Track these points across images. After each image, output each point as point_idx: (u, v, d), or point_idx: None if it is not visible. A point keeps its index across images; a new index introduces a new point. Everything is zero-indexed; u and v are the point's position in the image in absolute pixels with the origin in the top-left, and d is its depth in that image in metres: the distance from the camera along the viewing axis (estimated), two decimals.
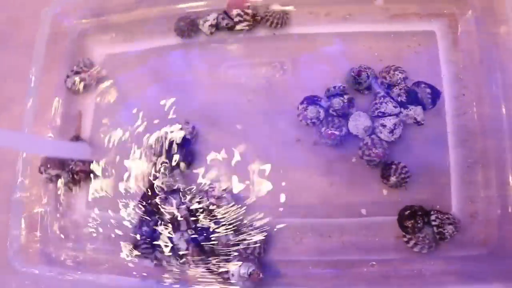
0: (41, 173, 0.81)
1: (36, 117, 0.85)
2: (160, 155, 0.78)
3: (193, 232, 0.73)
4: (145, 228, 0.75)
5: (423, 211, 0.69)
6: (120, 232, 0.78)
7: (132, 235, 0.76)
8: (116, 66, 0.87)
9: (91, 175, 0.81)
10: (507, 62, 0.74)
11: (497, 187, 0.71)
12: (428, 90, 0.73)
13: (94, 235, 0.79)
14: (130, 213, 0.78)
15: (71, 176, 0.81)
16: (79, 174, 0.80)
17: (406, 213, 0.69)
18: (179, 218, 0.74)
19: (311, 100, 0.76)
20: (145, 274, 0.75)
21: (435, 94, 0.73)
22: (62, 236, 0.81)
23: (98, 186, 0.81)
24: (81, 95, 0.86)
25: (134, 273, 0.75)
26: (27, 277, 0.78)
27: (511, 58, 0.74)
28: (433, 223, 0.68)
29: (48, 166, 0.81)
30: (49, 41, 0.88)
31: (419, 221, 0.68)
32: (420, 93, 0.73)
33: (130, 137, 0.82)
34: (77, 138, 0.83)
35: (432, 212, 0.69)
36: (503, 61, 0.74)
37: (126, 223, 0.78)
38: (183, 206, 0.74)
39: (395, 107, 0.73)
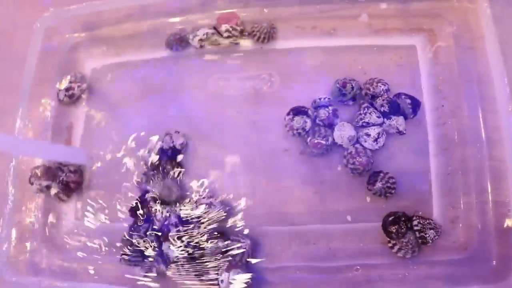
0: (32, 184, 0.81)
1: (27, 129, 0.85)
2: (150, 165, 0.79)
3: (183, 239, 0.74)
4: (135, 237, 0.75)
5: (406, 217, 0.71)
6: (109, 241, 0.78)
7: (122, 243, 0.76)
8: (107, 78, 0.88)
9: (82, 186, 0.82)
10: (483, 75, 0.77)
11: (476, 194, 0.73)
12: (409, 101, 0.75)
13: (84, 245, 0.79)
14: (120, 222, 0.78)
15: (61, 186, 0.80)
16: (69, 185, 0.80)
17: (390, 219, 0.71)
18: (169, 227, 0.74)
19: (298, 111, 0.78)
20: (135, 282, 0.75)
21: (415, 104, 0.75)
22: (52, 246, 0.80)
23: (88, 197, 0.81)
24: (72, 107, 0.86)
25: (124, 281, 0.75)
26: (17, 287, 0.78)
27: (487, 71, 0.77)
28: (415, 228, 0.70)
29: (39, 177, 0.81)
30: (41, 54, 0.89)
31: (402, 227, 0.70)
32: (401, 103, 0.75)
33: (121, 148, 0.82)
34: None
35: (414, 218, 0.71)
36: (480, 75, 0.78)
37: (116, 232, 0.78)
38: (173, 215, 0.75)
39: (378, 117, 0.75)
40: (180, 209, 0.75)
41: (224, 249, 0.73)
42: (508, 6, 0.79)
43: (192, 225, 0.74)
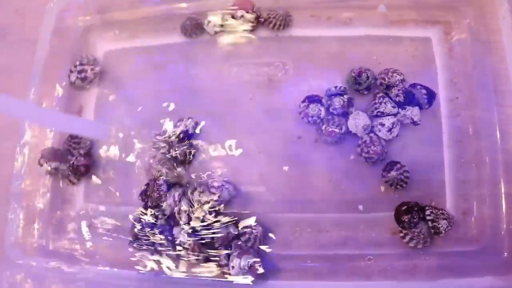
0: (41, 165, 0.80)
1: None
2: (162, 149, 0.79)
3: (194, 224, 0.74)
4: (145, 221, 0.75)
5: (418, 207, 0.71)
6: (119, 225, 0.78)
7: (132, 227, 0.76)
8: (119, 62, 0.87)
9: (92, 169, 0.81)
10: (498, 69, 0.77)
11: (489, 186, 0.73)
12: (424, 91, 0.75)
13: (92, 228, 0.79)
14: (130, 206, 0.78)
15: (71, 169, 0.80)
16: (79, 168, 0.80)
17: (403, 208, 0.71)
18: (180, 211, 0.74)
19: (313, 99, 0.77)
20: (143, 266, 0.75)
21: (431, 95, 0.75)
22: (60, 228, 0.80)
23: (98, 180, 0.81)
24: (83, 90, 0.86)
25: (133, 265, 0.75)
26: (23, 269, 0.77)
27: (502, 65, 0.77)
28: (428, 217, 0.70)
29: (48, 158, 0.80)
30: (53, 36, 0.88)
31: (415, 216, 0.70)
32: (416, 94, 0.75)
33: (132, 131, 0.82)
34: None
35: (427, 208, 0.71)
36: (495, 68, 0.77)
37: (125, 216, 0.78)
38: (185, 199, 0.75)
39: (393, 107, 0.75)
40: (192, 194, 0.75)
41: (236, 235, 0.73)
42: None
43: (203, 210, 0.74)
